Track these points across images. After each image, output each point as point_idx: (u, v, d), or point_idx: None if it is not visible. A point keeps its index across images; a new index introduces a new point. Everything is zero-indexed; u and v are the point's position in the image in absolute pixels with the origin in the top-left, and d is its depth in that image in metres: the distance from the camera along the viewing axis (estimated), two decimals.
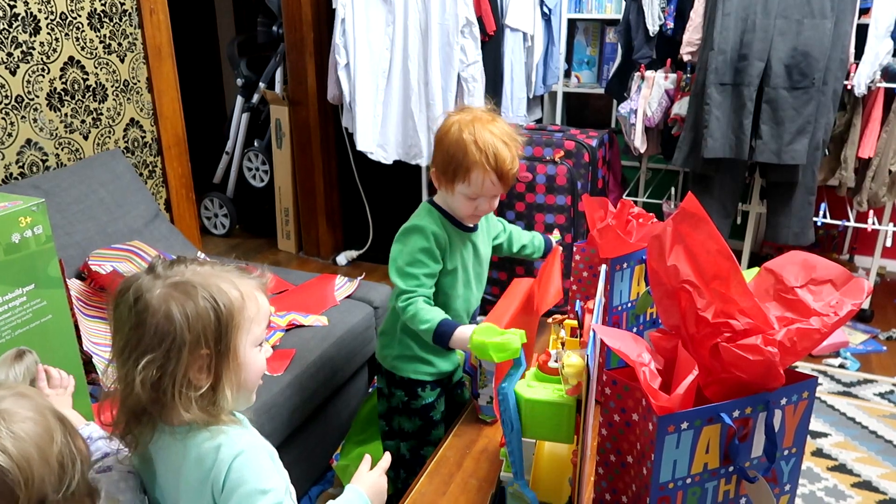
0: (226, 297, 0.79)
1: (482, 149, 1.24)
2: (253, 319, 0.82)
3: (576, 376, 0.87)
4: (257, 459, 0.80)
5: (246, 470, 0.79)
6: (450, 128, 1.28)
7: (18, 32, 1.80)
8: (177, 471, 0.82)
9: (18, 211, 0.97)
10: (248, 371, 0.83)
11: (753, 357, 0.74)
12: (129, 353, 0.79)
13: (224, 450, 0.79)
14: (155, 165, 2.28)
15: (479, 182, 1.26)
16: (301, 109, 3.19)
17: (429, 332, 1.27)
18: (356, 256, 3.38)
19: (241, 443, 0.80)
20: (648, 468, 0.78)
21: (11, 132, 1.82)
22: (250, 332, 0.82)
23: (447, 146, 1.27)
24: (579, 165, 2.42)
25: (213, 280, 0.80)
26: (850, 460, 1.94)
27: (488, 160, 1.24)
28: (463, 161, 1.25)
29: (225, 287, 0.80)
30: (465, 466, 1.12)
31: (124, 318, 0.79)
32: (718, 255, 0.77)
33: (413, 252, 1.31)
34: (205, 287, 0.79)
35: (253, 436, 0.84)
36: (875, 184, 2.46)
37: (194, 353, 0.78)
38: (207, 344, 0.78)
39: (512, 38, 2.74)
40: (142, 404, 0.80)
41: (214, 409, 0.81)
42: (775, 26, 2.21)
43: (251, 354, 0.83)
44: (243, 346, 0.82)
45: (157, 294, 0.78)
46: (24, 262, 0.99)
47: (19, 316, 1.00)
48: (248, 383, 0.84)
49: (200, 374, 0.80)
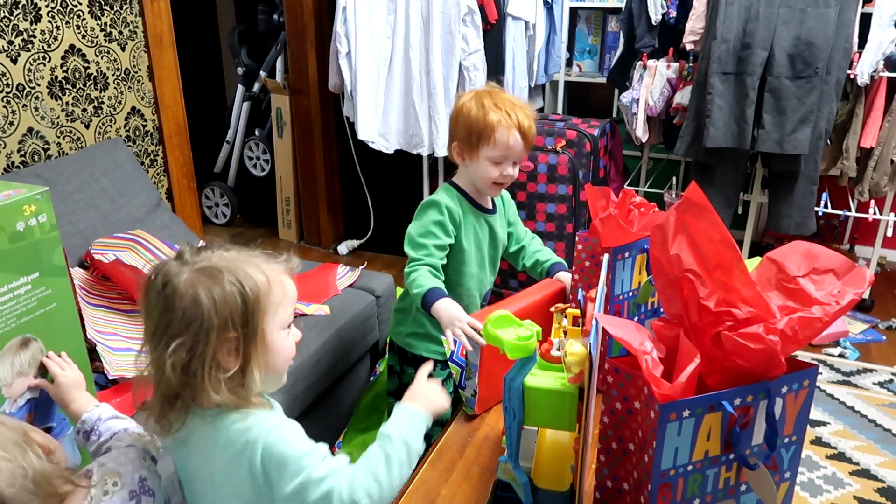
0: (252, 282, 0.80)
1: (501, 108, 1.33)
2: (279, 303, 0.83)
3: (578, 365, 0.88)
4: (292, 432, 0.82)
5: (281, 443, 0.80)
6: (465, 103, 1.37)
7: (19, 20, 1.79)
8: (208, 453, 0.84)
9: (23, 199, 0.98)
10: (275, 354, 0.84)
11: (755, 345, 0.75)
12: (159, 337, 0.80)
13: (254, 430, 0.81)
14: (156, 154, 2.27)
15: (504, 140, 1.33)
16: (302, 98, 3.18)
17: (419, 296, 1.31)
18: (357, 246, 3.38)
19: (271, 422, 0.82)
20: (650, 456, 0.79)
21: (13, 121, 1.81)
22: (277, 315, 0.83)
23: (467, 116, 1.35)
24: (581, 155, 2.41)
25: (240, 265, 0.82)
26: (849, 449, 1.95)
27: (510, 117, 1.33)
28: (486, 123, 1.33)
29: (251, 271, 0.81)
30: (468, 454, 1.13)
31: (153, 304, 0.81)
32: (721, 245, 0.78)
33: (426, 224, 1.36)
34: (231, 271, 0.80)
35: (281, 416, 0.85)
36: (877, 173, 2.46)
37: (222, 337, 0.79)
38: (235, 327, 0.80)
39: (514, 26, 2.73)
40: (174, 388, 0.81)
41: (244, 391, 0.82)
42: (779, 15, 2.20)
43: (279, 337, 0.84)
44: (270, 329, 0.83)
45: (184, 279, 0.79)
46: (28, 251, 1.00)
47: (24, 304, 1.00)
48: (277, 366, 0.86)
49: (229, 356, 0.81)
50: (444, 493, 1.04)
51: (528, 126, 1.35)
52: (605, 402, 0.88)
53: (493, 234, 1.45)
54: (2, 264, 0.97)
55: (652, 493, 0.80)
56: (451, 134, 1.41)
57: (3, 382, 1.00)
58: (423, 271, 1.33)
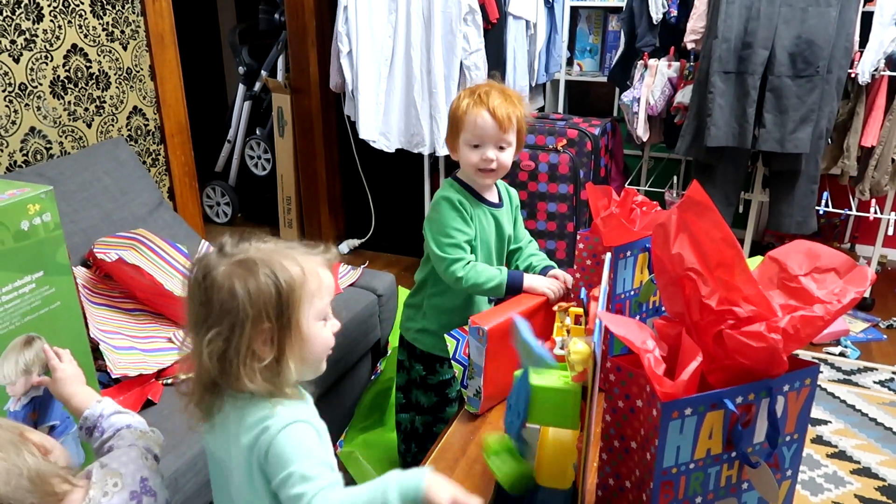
0: (286, 273, 0.82)
1: (473, 91, 1.36)
2: (315, 294, 0.84)
3: (581, 363, 0.88)
4: (304, 434, 0.82)
5: (290, 443, 0.81)
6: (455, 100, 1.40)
7: (21, 20, 1.79)
8: (233, 437, 0.85)
9: (27, 198, 0.98)
10: (312, 343, 0.86)
11: (757, 344, 0.75)
12: (198, 327, 0.83)
13: (274, 420, 0.82)
14: (158, 153, 2.28)
15: (472, 120, 1.33)
16: (303, 97, 3.18)
17: (500, 286, 1.33)
18: (358, 245, 3.38)
19: (291, 416, 0.82)
20: (652, 454, 0.79)
21: (15, 120, 1.82)
22: (312, 305, 0.84)
23: (452, 110, 1.38)
24: (582, 154, 2.42)
25: (276, 257, 0.83)
26: (849, 447, 1.96)
27: (480, 99, 1.34)
28: (458, 109, 1.35)
29: (287, 263, 0.83)
30: (470, 452, 1.14)
31: (194, 295, 0.83)
32: (723, 243, 0.78)
33: (446, 222, 1.36)
34: (266, 263, 0.82)
35: (306, 412, 0.86)
36: (878, 172, 2.46)
37: (257, 327, 0.81)
38: (269, 318, 0.81)
39: (515, 25, 2.73)
40: (211, 376, 0.83)
41: (279, 380, 0.83)
42: (780, 14, 2.20)
43: (315, 328, 0.86)
44: (306, 319, 0.84)
45: (221, 271, 0.82)
46: (32, 250, 1.00)
47: (28, 303, 1.01)
48: (313, 355, 0.87)
49: (264, 346, 0.82)
50: None
51: (498, 105, 1.33)
52: (607, 400, 0.88)
53: (500, 227, 1.45)
54: (6, 263, 0.97)
55: (654, 491, 0.80)
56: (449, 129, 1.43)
57: (7, 381, 1.01)
58: (475, 266, 1.34)
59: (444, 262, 1.35)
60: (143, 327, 1.57)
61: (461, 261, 1.35)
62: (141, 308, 1.63)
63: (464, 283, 1.34)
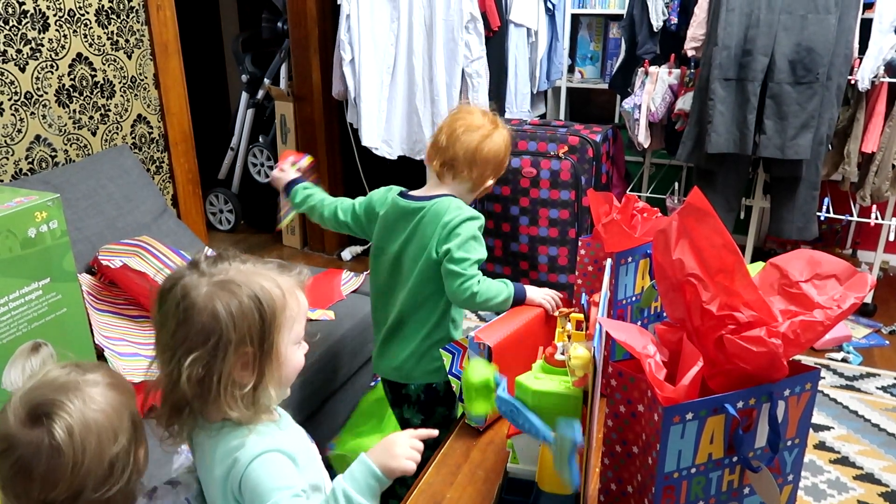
0: (268, 296, 0.81)
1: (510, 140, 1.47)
2: (295, 318, 0.83)
3: (582, 368, 0.89)
4: (276, 463, 0.80)
5: (261, 475, 0.79)
6: (500, 142, 1.43)
7: (27, 29, 1.81)
8: (209, 467, 0.84)
9: (34, 206, 0.99)
10: (287, 368, 0.84)
11: (757, 349, 0.76)
12: (174, 349, 0.80)
13: (245, 451, 0.80)
14: (162, 161, 2.29)
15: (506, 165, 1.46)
16: (306, 105, 3.20)
17: (508, 300, 1.34)
18: (361, 251, 3.39)
19: (261, 446, 0.81)
20: (653, 458, 0.80)
21: (21, 128, 1.83)
22: (292, 330, 0.83)
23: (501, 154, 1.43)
24: (583, 161, 2.42)
25: (256, 278, 0.82)
26: (852, 453, 1.95)
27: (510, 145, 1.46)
28: (504, 154, 1.44)
29: (267, 285, 0.81)
30: (472, 457, 1.14)
31: (170, 315, 0.80)
32: (723, 249, 0.79)
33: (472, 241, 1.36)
34: (248, 285, 0.80)
35: (278, 438, 0.83)
36: (878, 178, 2.47)
37: (239, 351, 0.79)
38: (252, 342, 0.80)
39: (516, 33, 2.75)
40: (186, 400, 0.81)
41: (256, 406, 0.82)
42: (779, 21, 2.22)
43: (291, 351, 0.84)
44: (284, 343, 0.83)
45: (203, 292, 0.79)
46: (39, 257, 1.01)
47: (35, 309, 1.02)
48: (286, 380, 0.86)
49: (244, 371, 0.81)
50: (449, 497, 1.05)
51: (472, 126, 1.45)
52: (608, 405, 0.89)
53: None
54: (14, 270, 0.98)
55: (656, 495, 0.80)
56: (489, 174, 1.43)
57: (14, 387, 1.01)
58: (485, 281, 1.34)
59: (461, 279, 1.33)
60: (147, 334, 1.58)
61: (475, 277, 1.34)
62: (145, 314, 1.63)
63: (478, 299, 1.33)
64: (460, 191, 1.43)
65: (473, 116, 1.42)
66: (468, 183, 1.43)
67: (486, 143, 1.40)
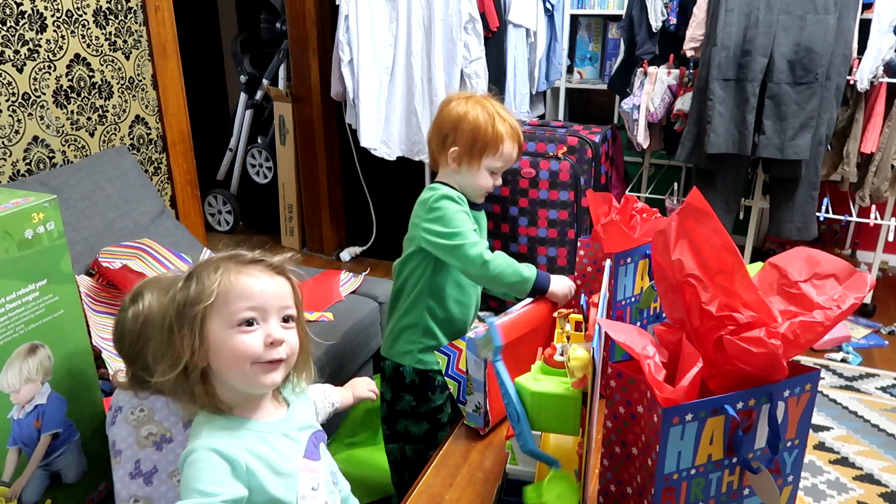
0: (202, 281, 0.83)
1: (506, 120, 1.34)
2: (226, 299, 0.82)
3: (581, 369, 0.88)
4: (200, 464, 0.78)
5: (187, 470, 0.79)
6: (468, 110, 1.34)
7: (25, 30, 1.81)
8: None
9: (31, 207, 0.99)
10: (223, 352, 0.82)
11: (757, 349, 0.75)
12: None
13: (189, 446, 0.81)
14: (160, 162, 2.29)
15: (509, 152, 1.35)
16: (304, 106, 3.20)
17: (527, 282, 1.26)
18: (360, 252, 3.39)
19: (199, 444, 0.80)
20: (653, 459, 0.80)
21: (18, 129, 1.83)
22: (223, 311, 0.82)
23: (472, 124, 1.33)
24: (582, 161, 2.42)
25: (204, 266, 0.85)
26: (852, 454, 1.95)
27: (514, 131, 1.35)
28: (495, 133, 1.33)
29: (205, 271, 0.83)
30: (471, 459, 1.14)
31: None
32: (722, 250, 0.78)
33: (452, 213, 1.30)
34: (191, 273, 0.84)
35: (221, 441, 0.81)
36: (877, 179, 2.47)
37: (172, 335, 0.83)
38: (178, 324, 0.83)
39: (515, 34, 2.75)
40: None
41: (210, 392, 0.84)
42: (778, 22, 2.22)
43: (225, 335, 0.82)
44: (214, 326, 0.82)
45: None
46: (36, 258, 1.01)
47: (32, 311, 1.01)
48: (227, 366, 0.83)
49: (185, 352, 0.82)
50: (448, 498, 1.04)
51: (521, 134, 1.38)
52: (607, 406, 0.88)
53: (485, 229, 1.45)
54: (10, 271, 0.98)
55: (655, 497, 0.80)
56: (451, 139, 1.35)
57: (11, 388, 1.01)
58: (500, 253, 1.28)
59: (464, 248, 1.27)
60: None
61: (480, 244, 1.28)
62: None
63: (491, 268, 1.26)
64: (449, 178, 1.39)
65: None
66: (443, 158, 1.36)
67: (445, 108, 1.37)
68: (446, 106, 1.38)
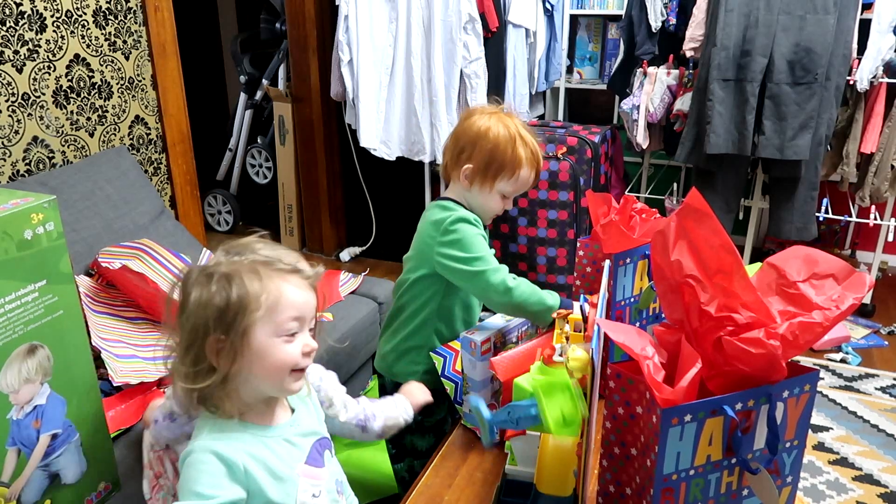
0: (243, 287, 0.81)
1: (528, 145, 1.27)
2: (275, 311, 0.83)
3: (580, 370, 0.89)
4: (198, 465, 0.79)
5: (185, 471, 0.79)
6: (491, 127, 1.27)
7: (25, 30, 1.81)
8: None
9: (30, 207, 0.99)
10: (265, 361, 0.83)
11: (756, 350, 0.75)
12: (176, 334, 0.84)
13: (192, 442, 0.82)
14: (160, 162, 2.29)
15: (526, 178, 1.28)
16: (304, 106, 3.20)
17: (551, 310, 1.19)
18: (359, 252, 3.39)
19: (197, 445, 0.80)
20: (652, 460, 0.80)
21: (18, 130, 1.83)
22: (269, 322, 0.83)
23: (492, 143, 1.26)
24: (582, 161, 2.42)
25: (241, 270, 0.83)
26: (851, 454, 1.95)
27: (535, 156, 1.28)
28: (511, 157, 1.26)
29: (247, 278, 0.82)
30: (470, 459, 1.14)
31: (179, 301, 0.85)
32: (721, 250, 0.78)
33: (471, 237, 1.25)
34: (226, 276, 0.82)
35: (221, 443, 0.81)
36: (877, 179, 2.47)
37: (210, 338, 0.81)
38: (217, 329, 0.81)
39: (514, 34, 2.75)
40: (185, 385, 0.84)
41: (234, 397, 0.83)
42: (778, 22, 2.22)
43: (269, 344, 0.83)
44: (258, 335, 0.82)
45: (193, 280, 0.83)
46: (36, 259, 1.01)
47: (31, 311, 1.01)
48: (267, 373, 0.84)
49: (217, 358, 0.82)
50: (447, 499, 1.04)
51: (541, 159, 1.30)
52: (607, 406, 0.89)
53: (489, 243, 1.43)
54: (9, 272, 0.97)
55: (654, 497, 0.80)
56: (466, 154, 1.28)
57: (10, 389, 1.01)
58: (522, 280, 1.22)
59: (486, 274, 1.22)
60: (144, 335, 1.57)
61: (502, 270, 1.23)
62: (142, 316, 1.63)
63: (515, 295, 1.21)
64: (459, 195, 1.33)
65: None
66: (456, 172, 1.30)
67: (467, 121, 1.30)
68: (468, 119, 1.31)
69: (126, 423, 1.38)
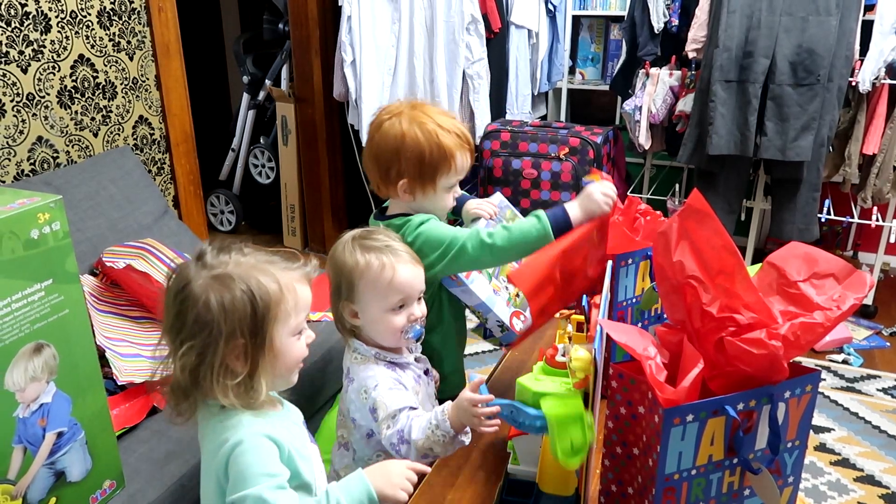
0: (263, 290, 0.83)
1: (449, 130, 1.18)
2: (290, 311, 0.85)
3: (583, 370, 0.89)
4: (257, 450, 0.81)
5: (246, 461, 0.80)
6: (405, 130, 1.17)
7: (30, 31, 1.81)
8: (206, 442, 0.87)
9: (37, 207, 0.99)
10: (284, 358, 0.86)
11: (757, 351, 0.76)
12: (172, 338, 0.84)
13: (232, 433, 0.82)
14: (163, 162, 2.29)
15: (462, 164, 1.19)
16: (307, 106, 3.20)
17: (546, 235, 1.10)
18: None
19: (251, 430, 0.82)
20: (654, 460, 0.80)
21: (23, 130, 1.84)
22: (287, 323, 0.85)
23: (414, 150, 1.17)
24: (584, 162, 2.43)
25: (253, 272, 0.84)
26: (853, 455, 1.96)
27: (461, 138, 1.19)
28: (440, 153, 1.16)
29: (264, 279, 0.83)
30: (473, 459, 1.14)
31: (169, 305, 0.84)
32: (723, 251, 0.79)
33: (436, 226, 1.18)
34: (244, 279, 0.82)
35: (272, 425, 0.85)
36: (879, 180, 2.47)
37: (231, 343, 0.82)
38: (243, 334, 0.82)
39: (517, 35, 2.75)
40: (184, 386, 0.84)
41: (251, 394, 0.84)
42: (780, 23, 2.22)
43: (287, 343, 0.86)
44: (280, 336, 0.85)
45: (198, 284, 0.82)
46: (42, 258, 1.01)
47: (38, 311, 1.02)
48: (285, 369, 0.88)
49: (237, 361, 0.83)
50: (449, 498, 1.05)
51: (470, 137, 1.21)
52: (609, 406, 0.89)
53: None
54: (16, 271, 0.98)
55: (656, 497, 0.80)
56: (395, 170, 1.18)
57: (16, 387, 1.02)
58: (496, 229, 1.13)
59: (460, 243, 1.14)
60: (148, 334, 1.58)
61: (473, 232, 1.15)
62: (147, 315, 1.64)
63: (501, 243, 1.11)
64: (398, 205, 1.24)
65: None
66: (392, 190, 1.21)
67: (377, 133, 1.20)
68: (377, 130, 1.21)
69: (130, 421, 1.39)
